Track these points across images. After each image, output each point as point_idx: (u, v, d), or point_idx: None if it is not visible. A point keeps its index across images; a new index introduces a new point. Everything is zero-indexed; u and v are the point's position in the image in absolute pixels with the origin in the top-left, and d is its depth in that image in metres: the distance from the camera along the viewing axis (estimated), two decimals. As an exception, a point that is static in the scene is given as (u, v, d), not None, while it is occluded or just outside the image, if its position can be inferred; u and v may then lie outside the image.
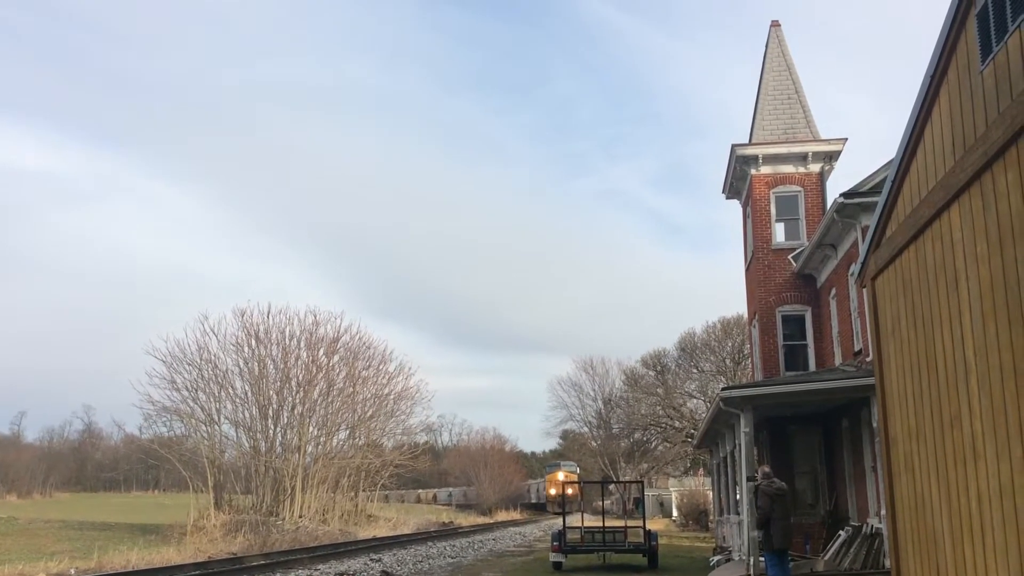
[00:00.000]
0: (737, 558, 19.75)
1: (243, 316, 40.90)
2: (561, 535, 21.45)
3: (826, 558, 17.56)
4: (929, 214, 8.88)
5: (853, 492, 19.55)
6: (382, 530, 41.20)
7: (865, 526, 17.24)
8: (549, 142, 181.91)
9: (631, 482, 61.81)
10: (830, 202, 19.81)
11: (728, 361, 63.06)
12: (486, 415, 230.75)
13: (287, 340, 41.62)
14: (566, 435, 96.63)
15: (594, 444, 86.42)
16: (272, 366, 41.13)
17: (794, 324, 23.19)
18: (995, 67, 7.30)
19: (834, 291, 20.86)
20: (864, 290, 12.15)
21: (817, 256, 21.51)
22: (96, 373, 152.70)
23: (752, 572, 15.84)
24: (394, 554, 26.06)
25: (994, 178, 7.30)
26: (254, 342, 40.77)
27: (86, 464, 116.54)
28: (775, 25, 26.20)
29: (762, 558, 14.94)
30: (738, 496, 20.22)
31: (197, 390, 39.64)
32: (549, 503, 78.71)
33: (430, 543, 32.16)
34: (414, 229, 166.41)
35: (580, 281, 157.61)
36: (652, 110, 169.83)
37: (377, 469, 46.88)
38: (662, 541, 25.17)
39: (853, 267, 16.89)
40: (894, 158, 10.24)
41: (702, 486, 59.97)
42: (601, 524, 22.47)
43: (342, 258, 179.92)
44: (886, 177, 10.61)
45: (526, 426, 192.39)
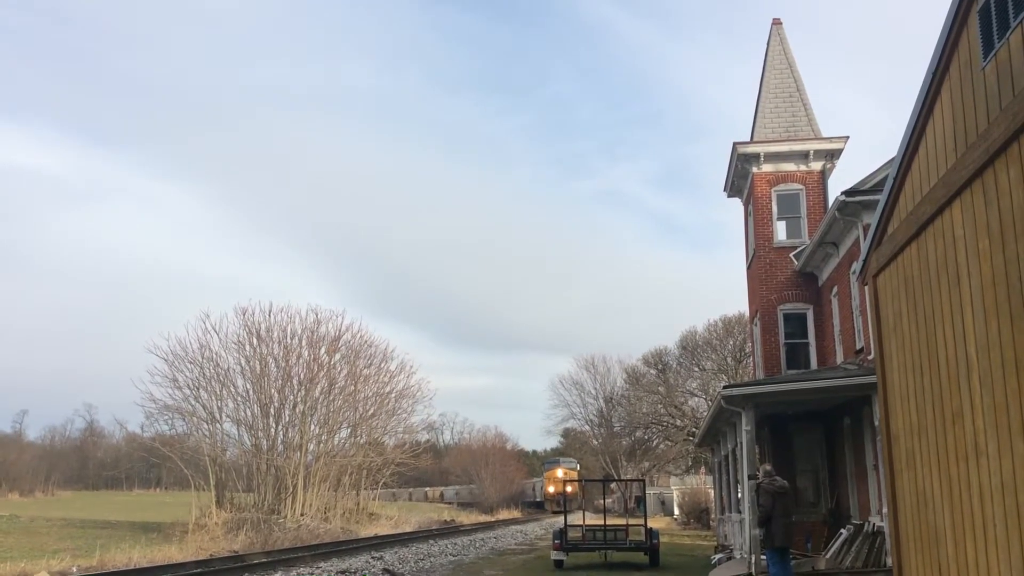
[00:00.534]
0: (739, 556, 19.76)
1: (244, 314, 40.83)
2: (562, 533, 21.48)
3: (828, 556, 17.57)
4: (931, 211, 8.87)
5: (855, 490, 19.55)
6: (384, 528, 41.19)
7: (867, 524, 17.24)
8: (549, 142, 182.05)
9: (632, 480, 61.78)
10: (831, 200, 19.81)
11: (729, 359, 63.07)
12: (487, 414, 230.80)
13: (289, 338, 41.55)
14: (567, 433, 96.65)
15: (595, 442, 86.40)
16: (274, 364, 41.07)
17: (796, 322, 23.18)
18: (997, 64, 7.30)
19: (836, 289, 20.85)
20: (866, 287, 12.15)
21: (819, 254, 21.50)
22: (98, 371, 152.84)
23: (754, 570, 15.85)
24: (396, 552, 26.06)
25: (996, 175, 7.30)
26: (256, 340, 40.71)
27: (88, 462, 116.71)
28: (776, 23, 26.16)
29: (763, 556, 14.93)
30: (740, 494, 20.22)
31: (199, 388, 39.60)
32: (547, 501, 77.58)
33: (432, 541, 32.16)
34: (413, 230, 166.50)
35: (581, 280, 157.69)
36: (652, 110, 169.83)
37: (379, 467, 46.87)
38: (663, 539, 25.17)
39: (855, 265, 16.89)
40: (895, 156, 10.24)
41: (703, 484, 59.99)
42: (602, 522, 22.47)
43: (343, 258, 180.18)
44: (888, 175, 10.61)
45: (527, 425, 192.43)
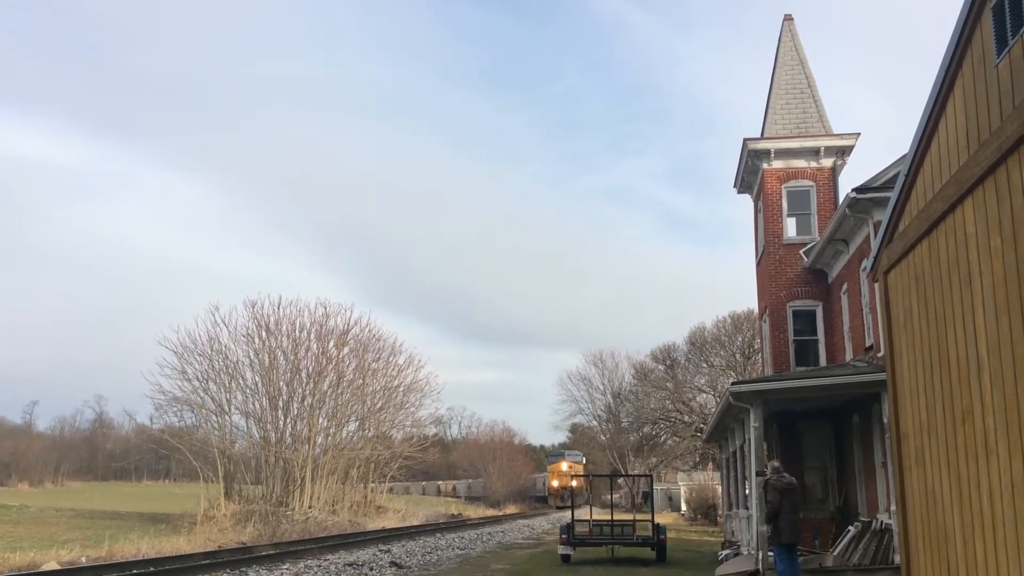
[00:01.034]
0: (746, 552, 19.75)
1: (254, 307, 41.01)
2: (569, 528, 21.51)
3: (835, 553, 17.55)
4: (942, 208, 8.83)
5: (863, 487, 19.51)
6: (391, 521, 41.30)
7: (875, 521, 17.21)
8: (559, 138, 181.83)
9: (640, 476, 61.69)
10: (842, 197, 19.72)
11: (738, 356, 62.87)
12: (495, 408, 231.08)
13: (297, 332, 41.73)
14: (575, 428, 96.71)
15: (603, 438, 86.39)
16: (282, 357, 41.23)
17: (805, 319, 23.11)
18: (1010, 61, 7.25)
19: (845, 286, 20.78)
20: (876, 285, 12.10)
21: (829, 251, 21.42)
22: (107, 363, 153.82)
23: (761, 567, 15.84)
24: (403, 545, 26.16)
25: (1008, 172, 7.26)
26: (264, 333, 40.88)
27: (97, 453, 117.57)
28: (788, 19, 25.99)
29: (771, 552, 14.92)
30: (747, 491, 20.20)
31: (208, 380, 39.83)
32: (551, 496, 76.80)
33: (439, 535, 32.25)
34: (421, 224, 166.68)
35: (590, 276, 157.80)
36: (662, 106, 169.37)
37: (387, 461, 47.01)
38: (670, 535, 25.18)
39: (865, 262, 16.83)
40: (907, 152, 10.19)
41: (711, 480, 59.90)
42: (610, 517, 22.49)
43: (351, 252, 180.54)
44: (899, 172, 10.57)
45: (535, 420, 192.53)
